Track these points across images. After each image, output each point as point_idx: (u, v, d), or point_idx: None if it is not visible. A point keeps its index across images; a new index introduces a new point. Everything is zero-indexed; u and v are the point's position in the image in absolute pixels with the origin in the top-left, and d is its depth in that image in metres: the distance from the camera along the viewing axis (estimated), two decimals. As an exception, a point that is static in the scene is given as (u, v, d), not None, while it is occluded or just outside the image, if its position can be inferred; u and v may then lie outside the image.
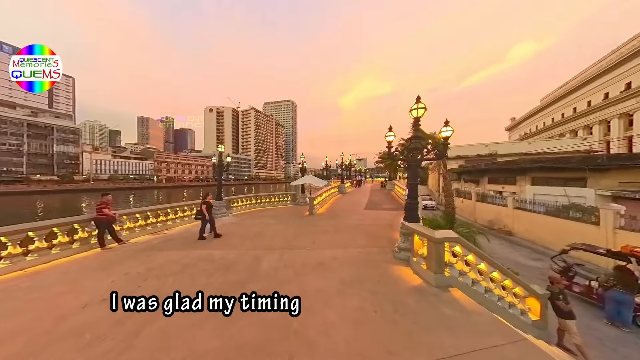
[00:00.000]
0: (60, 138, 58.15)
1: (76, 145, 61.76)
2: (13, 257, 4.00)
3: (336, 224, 7.95)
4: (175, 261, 4.43)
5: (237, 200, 11.11)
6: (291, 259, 4.56)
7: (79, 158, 61.60)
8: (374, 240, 5.90)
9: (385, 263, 4.37)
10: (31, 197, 36.53)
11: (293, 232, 6.81)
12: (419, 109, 4.49)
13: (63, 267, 4.15)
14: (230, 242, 5.80)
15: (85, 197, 37.14)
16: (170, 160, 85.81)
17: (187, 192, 53.99)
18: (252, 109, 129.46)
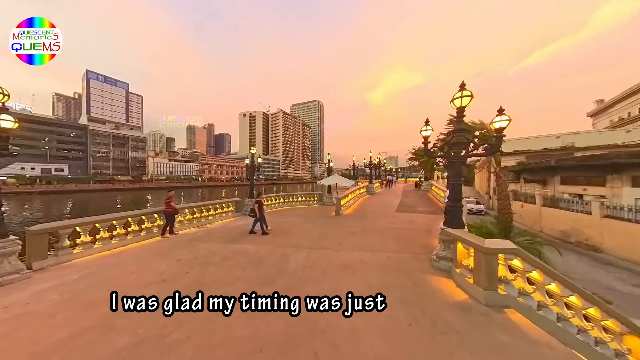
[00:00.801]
0: (134, 146, 73.01)
1: (143, 152, 76.70)
2: (103, 240, 5.18)
3: (364, 225, 7.68)
4: (215, 252, 5.00)
5: (266, 199, 11.86)
6: (317, 259, 4.61)
7: (145, 162, 76.13)
8: (407, 245, 5.47)
9: (421, 272, 4.00)
10: (113, 193, 46.89)
11: (319, 232, 6.88)
12: (463, 98, 3.94)
13: (135, 251, 5.15)
14: (260, 238, 6.21)
15: (149, 194, 45.64)
16: (212, 162, 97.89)
17: (224, 191, 60.56)
18: (281, 112, 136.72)
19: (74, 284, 3.55)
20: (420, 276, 3.82)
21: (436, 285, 3.52)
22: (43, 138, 54.41)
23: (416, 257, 4.70)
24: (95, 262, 4.42)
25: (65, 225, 4.65)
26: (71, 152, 60.22)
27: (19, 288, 3.40)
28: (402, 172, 63.84)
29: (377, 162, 23.57)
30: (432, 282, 3.64)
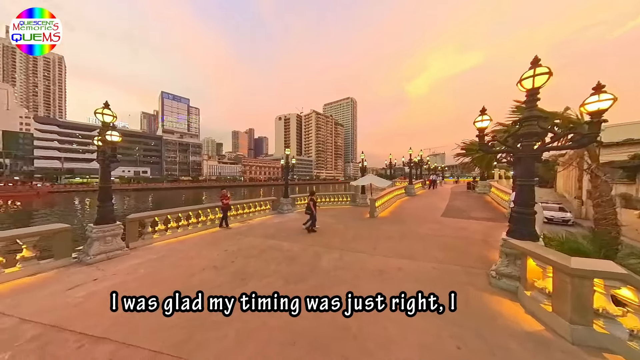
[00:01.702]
0: (193, 151, 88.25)
1: (200, 156, 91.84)
2: (172, 229, 6.47)
3: (402, 230, 7.14)
4: (255, 246, 5.55)
5: (300, 199, 12.41)
6: (350, 261, 4.55)
7: (201, 164, 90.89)
8: (457, 256, 4.80)
9: (474, 288, 3.45)
10: (179, 191, 57.70)
11: (353, 233, 6.76)
12: (536, 77, 3.18)
13: (194, 240, 6.23)
14: (294, 236, 6.55)
15: (204, 192, 54.28)
16: (252, 164, 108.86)
17: (262, 190, 66.34)
18: (313, 113, 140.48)
19: (153, 262, 4.57)
20: (473, 293, 3.30)
21: (496, 307, 2.98)
22: (134, 147, 71.74)
23: (468, 270, 4.08)
24: (166, 247, 5.56)
25: (148, 215, 6.02)
26: (152, 157, 77.18)
27: (121, 261, 4.60)
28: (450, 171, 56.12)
29: (418, 160, 21.48)
30: (490, 302, 3.09)
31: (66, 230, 4.48)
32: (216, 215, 7.92)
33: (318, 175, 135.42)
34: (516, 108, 5.97)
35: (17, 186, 39.85)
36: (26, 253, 4.03)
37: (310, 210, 6.90)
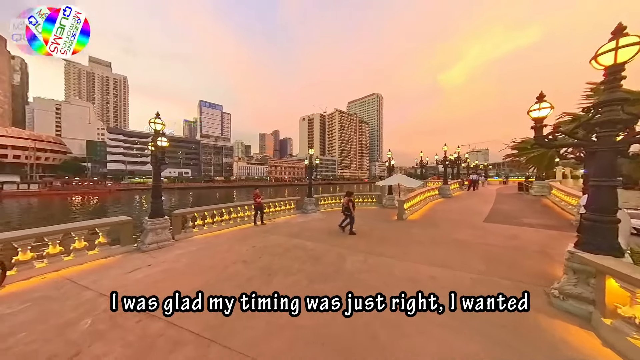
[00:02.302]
0: (225, 153, 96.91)
1: (231, 158, 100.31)
2: (209, 225, 7.21)
3: (434, 235, 6.56)
4: (280, 244, 5.80)
5: (324, 199, 12.48)
6: (376, 265, 4.38)
7: (232, 166, 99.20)
8: (504, 268, 4.19)
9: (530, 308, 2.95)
10: (214, 190, 64.07)
11: (378, 236, 6.51)
12: (619, 50, 2.55)
13: (227, 235, 6.83)
14: (318, 236, 6.62)
15: (235, 191, 59.13)
16: (277, 164, 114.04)
17: (287, 190, 68.90)
18: (337, 111, 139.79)
19: (194, 253, 5.16)
20: (527, 314, 2.83)
21: (559, 334, 2.50)
22: (178, 151, 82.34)
23: (519, 285, 3.52)
24: (204, 240, 6.22)
25: (189, 211, 6.84)
26: (192, 160, 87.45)
27: (169, 250, 5.32)
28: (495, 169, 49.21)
29: (454, 157, 19.48)
30: (551, 326, 2.61)
31: (129, 222, 5.40)
32: (245, 213, 8.53)
33: (342, 175, 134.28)
34: (591, 91, 4.91)
35: (96, 185, 49.83)
36: (102, 239, 4.99)
37: (349, 211, 6.78)
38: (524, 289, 3.40)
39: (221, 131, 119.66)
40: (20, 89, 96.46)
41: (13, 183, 41.25)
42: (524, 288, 3.42)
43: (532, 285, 3.52)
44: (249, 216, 8.56)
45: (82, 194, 42.43)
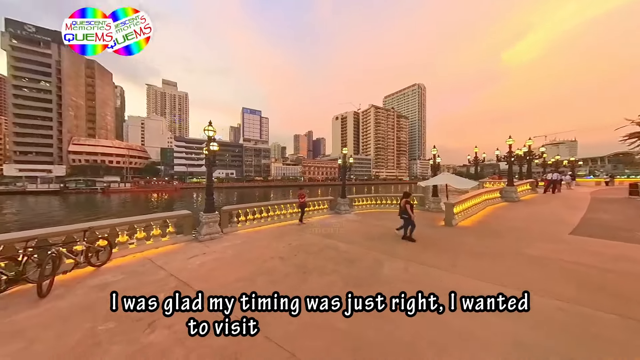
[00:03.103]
0: (263, 155, 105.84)
1: (268, 159, 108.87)
2: (250, 221, 7.99)
3: (494, 246, 5.55)
4: (314, 244, 5.93)
5: (358, 200, 12.18)
6: (418, 275, 4.00)
7: (270, 166, 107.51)
8: (606, 297, 3.22)
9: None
10: (253, 189, 70.74)
11: (422, 242, 5.94)
12: None
13: (266, 232, 7.42)
14: (353, 238, 6.49)
15: (272, 191, 63.87)
16: (310, 164, 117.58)
17: (320, 190, 70.15)
18: (372, 107, 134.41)
19: (238, 246, 5.80)
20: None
21: None
22: (225, 154, 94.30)
23: (629, 324, 2.63)
24: (246, 235, 6.92)
25: (234, 208, 7.73)
26: (236, 162, 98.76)
27: (218, 242, 6.13)
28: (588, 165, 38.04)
29: (523, 151, 16.05)
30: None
31: (189, 216, 6.48)
32: (282, 211, 9.09)
33: (377, 175, 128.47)
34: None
35: (166, 184, 61.91)
36: (171, 229, 6.14)
37: (407, 215, 6.07)
38: (638, 329, 2.52)
39: (260, 134, 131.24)
40: (120, 110, 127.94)
41: (115, 182, 55.85)
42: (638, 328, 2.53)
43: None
44: (284, 214, 9.09)
45: (157, 191, 53.41)
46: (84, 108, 74.43)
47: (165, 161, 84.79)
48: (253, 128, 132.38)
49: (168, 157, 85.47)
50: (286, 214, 9.27)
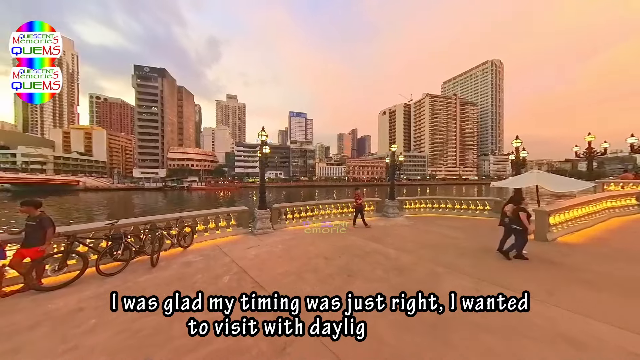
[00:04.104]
0: (308, 156, 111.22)
1: (313, 160, 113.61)
2: (297, 219, 8.54)
3: (626, 276, 3.91)
4: (359, 247, 5.78)
5: (410, 202, 11.10)
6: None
7: (314, 167, 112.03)
8: None
9: None
10: (298, 189, 75.30)
11: (498, 258, 4.84)
12: None
13: (312, 230, 7.77)
14: (403, 244, 5.96)
15: (316, 190, 66.37)
16: (355, 164, 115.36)
17: (366, 190, 67.79)
18: (426, 97, 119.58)
19: (286, 242, 6.30)
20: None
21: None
22: (274, 156, 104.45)
23: None
24: (293, 232, 7.42)
25: (283, 206, 8.43)
26: (284, 163, 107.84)
27: (270, 237, 6.83)
28: None
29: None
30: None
31: (246, 211, 7.51)
32: (326, 211, 9.29)
33: (434, 174, 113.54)
34: None
35: (229, 184, 74.12)
36: (233, 222, 7.27)
37: (521, 226, 4.66)
38: None
39: (305, 136, 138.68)
40: (198, 123, 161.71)
41: (195, 181, 71.60)
42: None
43: None
44: (328, 214, 9.25)
45: (222, 190, 64.60)
46: (176, 124, 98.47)
47: (228, 164, 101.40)
48: (299, 130, 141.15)
49: (231, 160, 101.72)
50: (330, 214, 9.42)
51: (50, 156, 74.82)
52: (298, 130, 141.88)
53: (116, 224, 4.84)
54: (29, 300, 3.35)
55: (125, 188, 63.55)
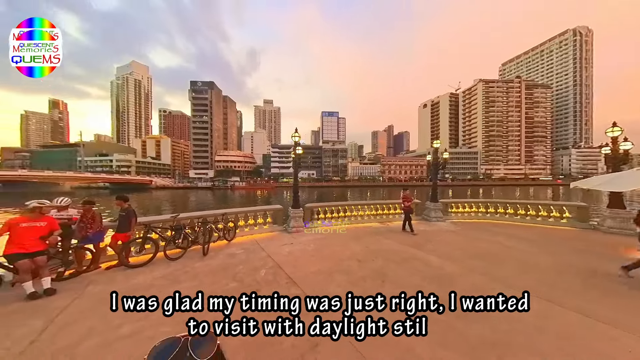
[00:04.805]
0: (340, 155, 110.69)
1: (345, 159, 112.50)
2: (330, 219, 8.63)
3: None
4: (395, 251, 5.47)
5: (456, 205, 9.92)
6: (575, 334, 2.63)
7: (346, 166, 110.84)
8: None
9: None
10: (330, 189, 75.68)
11: (583, 280, 3.89)
12: None
13: (348, 231, 7.75)
14: (447, 252, 5.37)
15: (348, 191, 65.61)
16: (391, 162, 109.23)
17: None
18: (479, 82, 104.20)
19: (318, 241, 6.44)
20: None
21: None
22: (307, 156, 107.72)
23: None
24: (325, 232, 7.53)
25: (315, 206, 8.65)
26: (316, 163, 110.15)
27: (302, 235, 7.09)
28: None
29: None
30: None
31: (281, 210, 7.99)
32: (359, 212, 9.11)
33: (489, 173, 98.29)
34: None
35: (266, 183, 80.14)
36: (269, 219, 7.84)
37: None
38: None
39: (337, 135, 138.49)
40: (240, 128, 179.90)
41: (237, 181, 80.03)
42: None
43: None
44: (361, 215, 9.05)
45: (259, 189, 70.32)
46: (221, 130, 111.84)
47: (265, 164, 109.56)
48: (331, 129, 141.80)
49: (267, 161, 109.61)
50: (364, 216, 9.20)
51: (133, 161, 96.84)
52: (330, 130, 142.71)
53: (177, 217, 5.81)
54: (122, 275, 4.34)
55: (183, 187, 75.85)
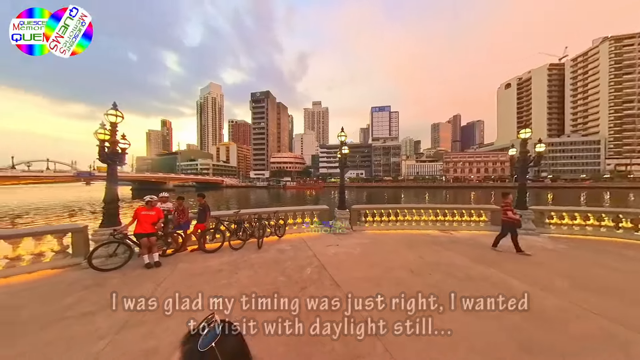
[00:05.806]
0: (393, 153, 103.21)
1: (398, 157, 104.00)
2: (380, 223, 8.20)
3: None
4: (457, 266, 4.65)
5: (557, 215, 7.55)
6: None
7: (400, 165, 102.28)
8: None
9: None
10: (382, 189, 71.62)
11: None
12: None
13: (393, 237, 7.19)
14: (539, 277, 4.14)
15: (402, 192, 60.41)
16: (457, 159, 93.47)
17: (474, 194, 53.34)
18: (603, 42, 75.47)
19: (365, 245, 6.22)
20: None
21: None
22: (355, 155, 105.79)
23: None
24: (373, 236, 7.20)
25: (363, 207, 8.38)
26: (365, 162, 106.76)
27: (348, 237, 7.02)
28: None
29: None
30: None
31: (327, 210, 8.16)
32: (413, 217, 8.25)
33: (619, 170, 70.43)
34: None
35: (314, 183, 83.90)
36: (316, 219, 8.16)
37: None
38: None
39: (389, 131, 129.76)
40: (291, 131, 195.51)
41: (288, 181, 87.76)
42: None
43: None
44: (417, 221, 8.16)
45: (308, 189, 74.23)
46: (275, 134, 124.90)
47: (314, 165, 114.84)
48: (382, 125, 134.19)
49: (315, 162, 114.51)
50: (419, 221, 8.27)
51: (211, 164, 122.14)
52: (381, 126, 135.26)
53: (239, 212, 6.85)
54: (200, 257, 5.48)
55: (245, 186, 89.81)
